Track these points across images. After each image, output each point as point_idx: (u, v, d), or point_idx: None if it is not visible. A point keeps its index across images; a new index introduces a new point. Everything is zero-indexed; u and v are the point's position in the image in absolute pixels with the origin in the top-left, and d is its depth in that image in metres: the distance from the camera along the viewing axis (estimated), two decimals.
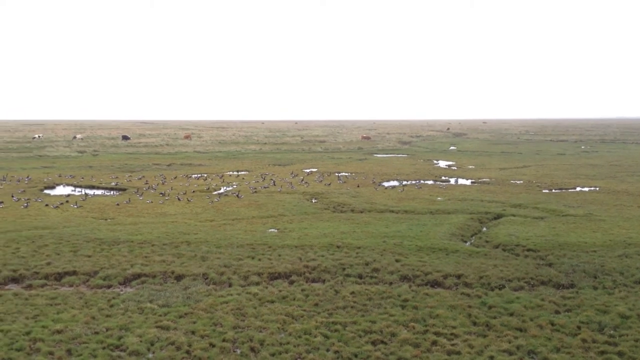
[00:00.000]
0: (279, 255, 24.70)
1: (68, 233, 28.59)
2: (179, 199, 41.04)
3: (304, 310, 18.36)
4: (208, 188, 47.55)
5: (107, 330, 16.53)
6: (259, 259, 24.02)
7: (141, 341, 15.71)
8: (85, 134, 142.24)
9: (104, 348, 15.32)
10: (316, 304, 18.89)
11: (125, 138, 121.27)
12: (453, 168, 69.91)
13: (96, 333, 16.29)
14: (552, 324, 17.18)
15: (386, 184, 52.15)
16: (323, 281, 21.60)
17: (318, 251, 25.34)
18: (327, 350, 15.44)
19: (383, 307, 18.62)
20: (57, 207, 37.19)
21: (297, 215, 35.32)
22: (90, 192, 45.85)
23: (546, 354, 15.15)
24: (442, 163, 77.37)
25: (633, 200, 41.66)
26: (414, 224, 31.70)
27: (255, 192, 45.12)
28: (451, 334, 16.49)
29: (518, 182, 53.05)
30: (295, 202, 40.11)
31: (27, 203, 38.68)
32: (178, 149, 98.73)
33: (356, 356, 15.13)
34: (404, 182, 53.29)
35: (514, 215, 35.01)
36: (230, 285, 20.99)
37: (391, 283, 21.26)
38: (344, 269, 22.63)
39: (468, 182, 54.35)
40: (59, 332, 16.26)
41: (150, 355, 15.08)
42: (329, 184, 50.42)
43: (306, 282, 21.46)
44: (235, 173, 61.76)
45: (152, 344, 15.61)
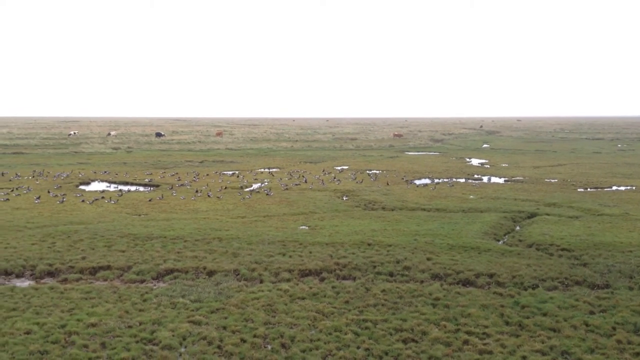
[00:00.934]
0: (310, 252, 24.75)
1: (102, 228, 29.05)
2: (209, 196, 41.39)
3: (335, 307, 18.37)
4: (241, 186, 47.81)
5: (140, 324, 16.76)
6: (290, 256, 24.10)
7: (173, 335, 15.89)
8: (119, 131, 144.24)
9: (137, 342, 15.54)
10: (347, 302, 18.89)
11: (158, 135, 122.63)
12: (486, 166, 69.22)
13: (130, 327, 16.54)
14: (587, 325, 16.91)
15: (418, 182, 51.89)
16: (354, 279, 21.58)
17: (349, 249, 25.33)
18: (358, 347, 15.43)
19: (414, 306, 18.53)
20: (92, 203, 37.82)
21: (328, 212, 35.34)
22: (124, 188, 46.51)
23: (580, 355, 14.92)
24: (475, 161, 76.63)
25: None
26: (446, 222, 31.47)
27: (286, 189, 45.27)
28: (483, 334, 16.34)
29: (552, 181, 52.28)
30: (326, 200, 40.14)
31: (63, 198, 39.41)
32: (210, 146, 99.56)
33: (387, 354, 15.08)
34: (436, 180, 52.93)
35: (548, 214, 34.51)
36: (261, 281, 21.11)
37: (422, 281, 21.15)
38: (375, 267, 22.58)
39: (501, 181, 53.75)
40: (94, 326, 16.53)
41: (182, 349, 15.24)
42: (360, 182, 50.33)
43: (337, 280, 21.47)
44: (266, 170, 62.02)
45: (184, 339, 15.79)
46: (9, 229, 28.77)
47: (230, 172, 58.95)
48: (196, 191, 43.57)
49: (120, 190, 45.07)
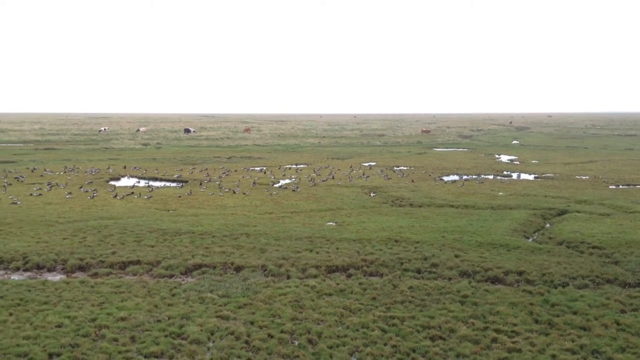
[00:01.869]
0: (337, 248, 24.74)
1: (132, 223, 29.40)
2: (235, 192, 41.59)
3: (362, 303, 18.35)
4: (269, 182, 47.98)
5: (169, 318, 16.93)
6: (317, 252, 24.12)
7: (202, 330, 16.03)
8: (148, 127, 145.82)
9: (166, 336, 15.71)
10: (374, 298, 18.85)
11: (187, 131, 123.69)
12: (515, 162, 68.43)
13: (158, 321, 16.72)
14: (618, 324, 16.62)
15: (446, 178, 51.49)
16: (381, 275, 21.52)
17: (376, 245, 25.26)
18: (385, 344, 15.39)
19: (442, 303, 18.42)
20: (122, 198, 38.30)
21: (356, 208, 35.29)
22: (153, 184, 47.01)
23: (611, 354, 14.68)
24: (504, 157, 75.80)
25: None
26: (474, 219, 31.20)
27: (313, 186, 45.30)
28: (512, 332, 16.18)
29: (583, 178, 51.47)
30: (353, 196, 40.09)
31: (94, 194, 39.98)
32: (238, 142, 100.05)
33: (414, 351, 15.02)
34: (464, 177, 52.49)
35: (579, 211, 33.99)
36: (288, 277, 21.17)
37: (450, 278, 21.01)
38: (402, 264, 22.49)
39: (531, 177, 53.09)
40: (123, 320, 16.75)
41: (210, 344, 15.36)
42: (389, 178, 50.16)
43: (364, 276, 21.43)
44: (294, 166, 62.14)
45: (212, 333, 15.91)
46: (41, 224, 29.28)
47: (257, 168, 59.22)
48: (220, 187, 43.82)
49: (149, 185, 45.57)
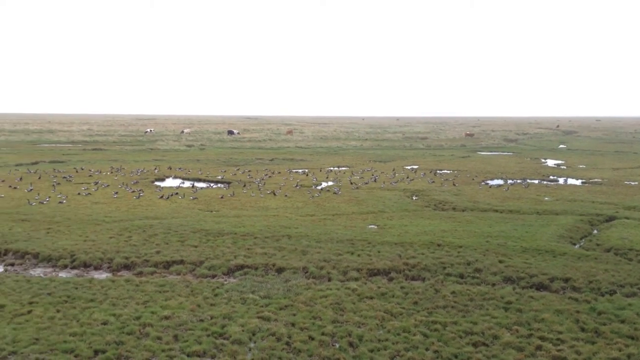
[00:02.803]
0: (378, 251, 24.64)
1: (176, 223, 29.83)
2: (275, 194, 41.81)
3: (403, 307, 18.22)
4: (311, 184, 48.10)
5: (212, 318, 17.11)
6: (358, 255, 24.06)
7: (243, 330, 16.14)
8: (193, 129, 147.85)
9: (209, 335, 15.87)
10: (415, 302, 18.70)
11: (230, 133, 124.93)
12: (562, 167, 67.05)
13: (201, 321, 16.91)
14: None
15: (490, 183, 50.82)
16: (423, 279, 21.34)
17: (418, 249, 25.06)
18: (427, 349, 15.24)
19: (485, 309, 18.15)
20: (167, 199, 38.91)
21: (397, 212, 35.09)
22: (197, 185, 47.61)
23: None
24: (550, 162, 74.32)
25: None
26: (519, 224, 30.69)
27: (356, 188, 45.23)
28: (557, 339, 15.83)
29: (633, 184, 50.10)
30: (395, 199, 39.88)
31: (140, 194, 40.72)
32: (280, 144, 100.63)
33: (456, 357, 14.84)
34: (509, 181, 51.68)
35: (628, 217, 33.08)
36: (329, 279, 21.17)
37: (494, 284, 20.69)
38: (445, 268, 22.26)
39: (578, 182, 51.97)
40: (167, 318, 16.99)
41: (251, 344, 15.46)
42: (432, 181, 49.75)
43: (405, 280, 21.29)
44: (336, 169, 62.14)
45: (254, 334, 16.01)
46: (88, 223, 29.96)
47: (300, 170, 59.41)
48: (259, 189, 44.11)
49: (193, 186, 46.17)
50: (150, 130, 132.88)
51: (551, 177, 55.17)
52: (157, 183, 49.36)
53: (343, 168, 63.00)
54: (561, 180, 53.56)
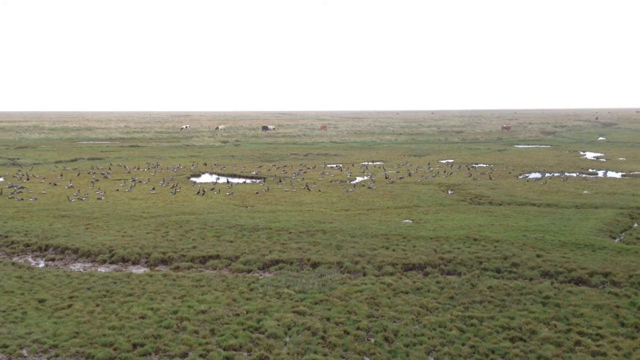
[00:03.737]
0: (414, 246, 24.49)
1: (212, 219, 30.09)
2: (309, 189, 41.84)
3: (439, 302, 18.09)
4: (345, 179, 48.04)
5: (247, 312, 17.23)
6: (393, 249, 23.95)
7: (279, 325, 16.22)
8: (227, 125, 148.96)
9: (244, 330, 15.99)
10: (451, 297, 18.54)
11: (265, 128, 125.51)
12: (601, 160, 65.70)
13: (237, 315, 17.04)
14: None
15: (527, 176, 50.08)
16: (459, 274, 21.15)
17: (454, 243, 24.83)
18: (463, 344, 15.11)
19: (522, 304, 17.90)
20: (203, 194, 39.28)
21: (433, 206, 34.83)
22: (232, 181, 47.97)
23: None
24: (589, 154, 72.91)
25: None
26: (557, 218, 30.17)
27: (390, 183, 45.03)
28: (596, 335, 15.54)
29: None
30: (430, 193, 39.59)
31: (177, 190, 41.19)
32: (314, 139, 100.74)
33: (493, 352, 14.67)
34: (547, 174, 50.89)
35: None
36: (364, 274, 21.12)
37: (531, 279, 20.39)
38: (481, 263, 22.01)
39: (618, 175, 50.88)
40: (203, 313, 17.17)
41: (287, 338, 15.53)
42: (468, 175, 49.25)
43: (441, 274, 21.11)
44: (370, 163, 61.97)
45: (289, 328, 16.07)
46: (127, 218, 30.43)
47: (334, 165, 59.40)
48: (291, 184, 44.19)
49: (228, 182, 46.53)
50: (186, 126, 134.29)
51: (590, 170, 54.12)
52: (193, 179, 49.85)
53: (377, 163, 62.78)
54: (600, 173, 52.50)
